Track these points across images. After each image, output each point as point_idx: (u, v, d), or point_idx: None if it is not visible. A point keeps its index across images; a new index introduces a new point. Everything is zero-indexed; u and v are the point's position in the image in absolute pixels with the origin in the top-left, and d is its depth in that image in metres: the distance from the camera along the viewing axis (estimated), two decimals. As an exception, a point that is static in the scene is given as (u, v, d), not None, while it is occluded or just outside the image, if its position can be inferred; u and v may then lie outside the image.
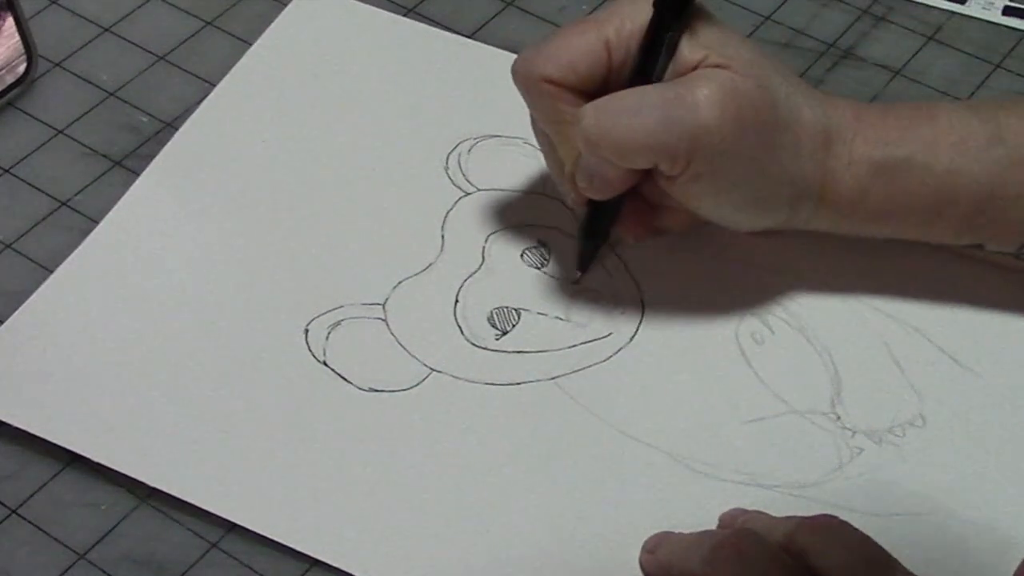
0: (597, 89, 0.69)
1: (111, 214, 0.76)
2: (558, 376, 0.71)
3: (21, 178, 0.80)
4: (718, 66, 0.67)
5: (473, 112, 0.81)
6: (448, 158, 0.79)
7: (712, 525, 0.66)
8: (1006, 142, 0.68)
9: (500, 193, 0.78)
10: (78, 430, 0.69)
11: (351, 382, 0.71)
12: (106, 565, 0.66)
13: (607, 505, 0.67)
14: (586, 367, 0.71)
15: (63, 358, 0.71)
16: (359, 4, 0.87)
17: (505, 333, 0.73)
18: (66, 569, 0.66)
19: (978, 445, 0.68)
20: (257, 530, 0.66)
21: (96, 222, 0.77)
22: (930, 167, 0.69)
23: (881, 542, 0.61)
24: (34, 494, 0.68)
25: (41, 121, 0.82)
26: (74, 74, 0.84)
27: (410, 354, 0.72)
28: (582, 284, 0.74)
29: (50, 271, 0.75)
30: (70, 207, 0.78)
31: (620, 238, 0.74)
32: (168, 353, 0.72)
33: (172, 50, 0.85)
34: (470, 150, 0.80)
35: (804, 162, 0.69)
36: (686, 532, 0.64)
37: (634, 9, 0.68)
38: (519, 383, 0.71)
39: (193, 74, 0.84)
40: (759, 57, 0.68)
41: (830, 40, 0.85)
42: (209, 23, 0.87)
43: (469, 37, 0.85)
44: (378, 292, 0.74)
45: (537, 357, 0.72)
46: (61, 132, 0.82)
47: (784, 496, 0.67)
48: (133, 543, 0.66)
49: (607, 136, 0.67)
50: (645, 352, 0.72)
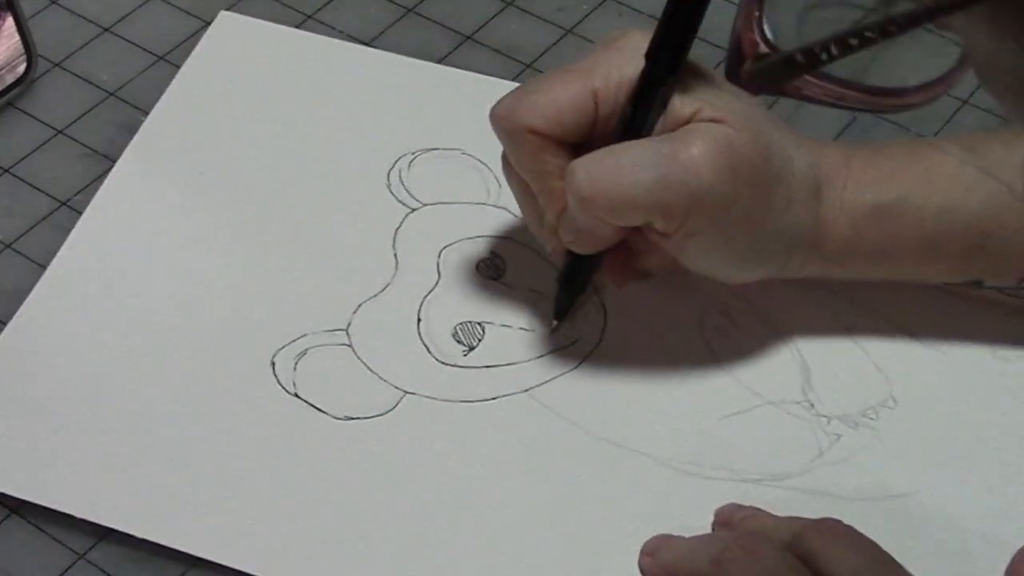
0: (582, 140, 0.67)
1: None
2: (531, 388, 0.71)
3: (21, 178, 0.79)
4: (712, 120, 0.65)
5: (408, 127, 0.81)
6: (389, 175, 0.79)
7: (702, 523, 0.67)
8: (1001, 176, 0.67)
9: (446, 206, 0.78)
10: (32, 478, 0.67)
11: (326, 412, 0.70)
12: (106, 565, 0.66)
13: (596, 512, 0.67)
14: (557, 376, 0.72)
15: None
16: (278, 26, 0.85)
17: (472, 348, 0.72)
18: (66, 569, 0.66)
19: (952, 420, 0.70)
20: (251, 570, 0.65)
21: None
22: (924, 207, 0.68)
23: (869, 528, 0.62)
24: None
25: (41, 121, 0.82)
26: (74, 74, 0.84)
27: (380, 378, 0.71)
28: (563, 320, 0.73)
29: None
30: (70, 207, 0.78)
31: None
32: (138, 399, 0.70)
33: (172, 50, 0.85)
34: (410, 165, 0.79)
35: (797, 213, 0.68)
36: (683, 534, 0.65)
37: (622, 59, 0.66)
38: (494, 398, 0.71)
39: (194, 74, 0.84)
40: (751, 109, 0.66)
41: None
42: (209, 23, 0.86)
43: (469, 37, 0.85)
44: (339, 317, 0.73)
45: (507, 370, 0.72)
46: (61, 132, 0.81)
47: (769, 488, 0.68)
48: (133, 543, 0.66)
49: (600, 194, 0.65)
50: (613, 356, 0.72)
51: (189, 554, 0.65)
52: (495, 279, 0.75)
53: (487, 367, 0.72)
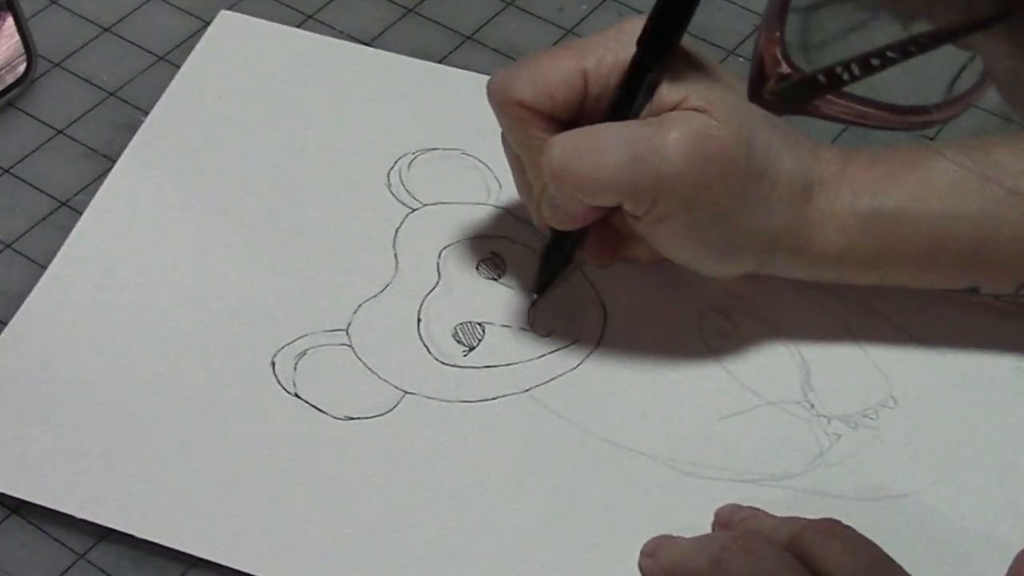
0: (572, 117, 0.68)
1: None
2: (531, 388, 0.71)
3: (21, 178, 0.79)
4: (696, 109, 0.66)
5: (408, 127, 0.81)
6: (389, 175, 0.79)
7: (702, 524, 0.66)
8: (1000, 182, 0.67)
9: (446, 206, 0.78)
10: (32, 478, 0.67)
11: (326, 412, 0.70)
12: (106, 565, 0.66)
13: (596, 513, 0.67)
14: (557, 376, 0.72)
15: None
16: (278, 26, 0.85)
17: (472, 348, 0.72)
18: (66, 569, 0.66)
19: (952, 421, 0.70)
20: (251, 570, 0.65)
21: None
22: (921, 213, 0.68)
23: (869, 528, 0.62)
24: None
25: (41, 121, 0.82)
26: (74, 74, 0.84)
27: (381, 378, 0.71)
28: (543, 293, 0.74)
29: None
30: (70, 207, 0.78)
31: (584, 261, 0.74)
32: (137, 399, 0.70)
33: (172, 50, 0.85)
34: (410, 165, 0.79)
35: (777, 212, 0.68)
36: (683, 534, 0.65)
37: (618, 42, 0.67)
38: (494, 398, 0.71)
39: (193, 74, 0.84)
40: (743, 104, 0.64)
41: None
42: (209, 23, 0.86)
43: (469, 37, 0.85)
44: (339, 318, 0.73)
45: (507, 370, 0.72)
46: (61, 132, 0.81)
47: (769, 489, 0.68)
48: (133, 543, 0.66)
49: (571, 171, 0.66)
50: (613, 356, 0.72)
51: (189, 554, 0.65)
52: (495, 279, 0.75)
53: (487, 367, 0.72)
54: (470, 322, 0.73)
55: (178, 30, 0.86)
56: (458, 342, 0.73)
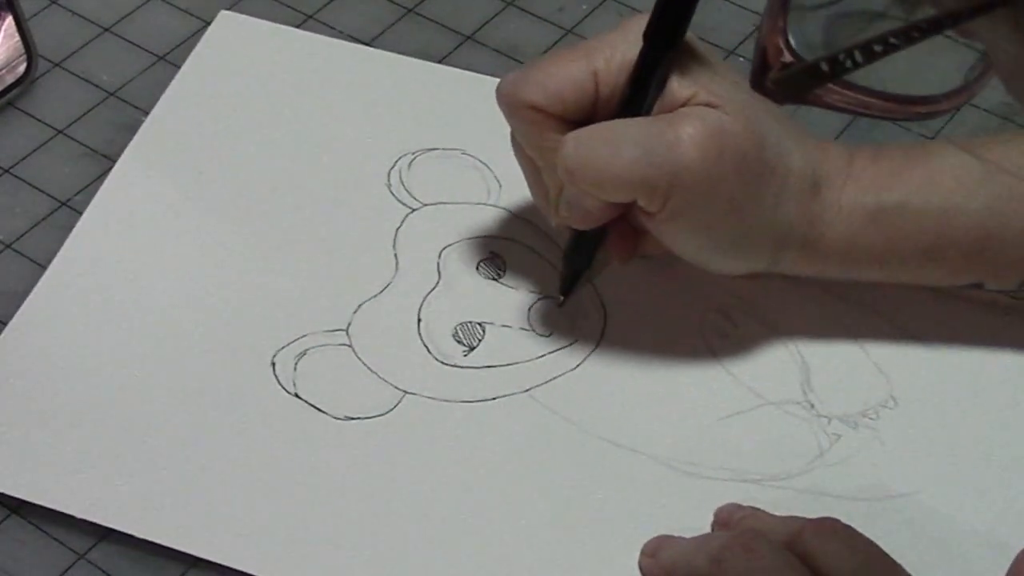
0: (583, 118, 0.67)
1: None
2: (531, 388, 0.71)
3: (21, 178, 0.80)
4: (708, 104, 0.66)
5: (408, 127, 0.81)
6: (389, 175, 0.79)
7: (702, 524, 0.67)
8: (1003, 176, 0.67)
9: (446, 206, 0.78)
10: (32, 478, 0.67)
11: (326, 412, 0.70)
12: (106, 565, 0.66)
13: (596, 512, 0.67)
14: (557, 376, 0.72)
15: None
16: (278, 26, 0.85)
17: (472, 348, 0.72)
18: (66, 569, 0.66)
19: (952, 421, 0.70)
20: (251, 570, 0.65)
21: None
22: (925, 209, 0.68)
23: (869, 528, 0.62)
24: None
25: (41, 121, 0.82)
26: (74, 74, 0.84)
27: (381, 378, 0.71)
28: (568, 296, 0.73)
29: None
30: (70, 207, 0.78)
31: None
32: (137, 399, 0.70)
33: (172, 50, 0.85)
34: (410, 165, 0.79)
35: (788, 208, 0.68)
36: (683, 534, 0.65)
37: (625, 41, 0.67)
38: (494, 398, 0.71)
39: (193, 74, 0.84)
40: (751, 98, 0.65)
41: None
42: (209, 23, 0.86)
43: (469, 37, 0.86)
44: (339, 318, 0.73)
45: (507, 370, 0.72)
46: (61, 132, 0.81)
47: (769, 489, 0.68)
48: (133, 543, 0.66)
49: (586, 168, 0.66)
50: (613, 356, 0.72)
51: (189, 554, 0.65)
52: (495, 279, 0.75)
53: (487, 367, 0.72)
54: (470, 322, 0.73)
55: (178, 30, 0.86)
56: (458, 342, 0.73)
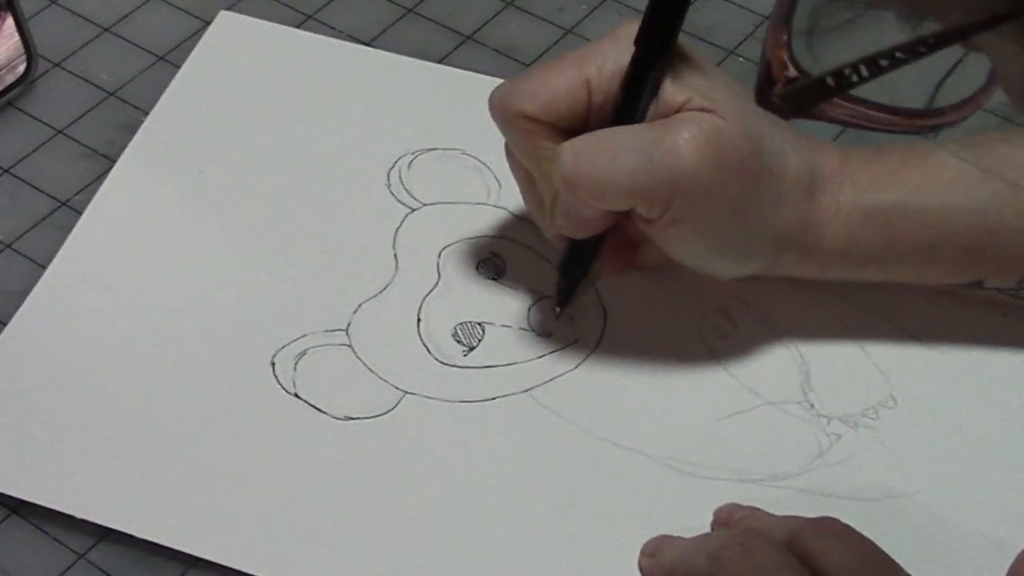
0: (577, 127, 0.67)
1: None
2: (531, 388, 0.71)
3: (21, 178, 0.80)
4: (703, 109, 0.66)
5: (408, 127, 0.81)
6: (389, 175, 0.79)
7: (701, 524, 0.66)
8: (1002, 175, 0.67)
9: (446, 206, 0.78)
10: (32, 478, 0.67)
11: (325, 412, 0.70)
12: (106, 565, 0.66)
13: (596, 513, 0.67)
14: (557, 376, 0.72)
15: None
16: (278, 26, 0.85)
17: (472, 348, 0.72)
18: (66, 569, 0.66)
19: (952, 420, 0.70)
20: (251, 570, 0.65)
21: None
22: (923, 208, 0.68)
23: (869, 528, 0.62)
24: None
25: (41, 121, 0.82)
26: (74, 74, 0.84)
27: (380, 378, 0.71)
28: (564, 307, 0.74)
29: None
30: (70, 207, 0.78)
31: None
32: (138, 399, 0.70)
33: (172, 50, 0.85)
34: (410, 165, 0.79)
35: (787, 210, 0.68)
36: (683, 534, 0.65)
37: (616, 48, 0.67)
38: (493, 398, 0.71)
39: (193, 74, 0.84)
40: (746, 102, 0.66)
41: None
42: (209, 23, 0.86)
43: (469, 37, 0.86)
44: (339, 318, 0.73)
45: (507, 370, 0.72)
46: (61, 132, 0.81)
47: (769, 488, 0.68)
48: (133, 543, 0.66)
49: (584, 177, 0.66)
50: (613, 356, 0.72)
51: (189, 554, 0.65)
52: (495, 279, 0.75)
53: (487, 367, 0.72)
54: (470, 322, 0.73)
55: (178, 30, 0.86)
56: (458, 342, 0.73)
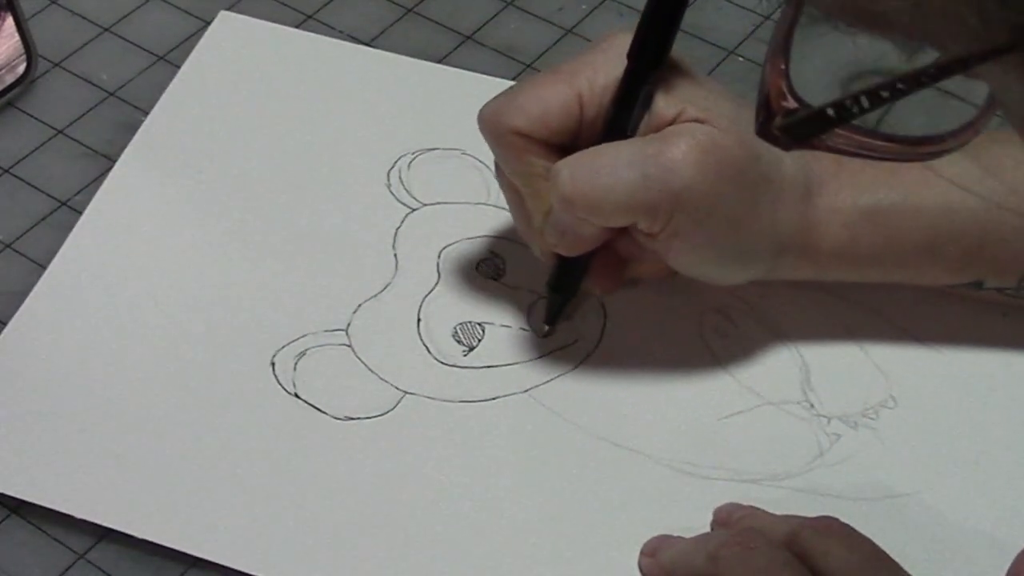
0: (568, 142, 0.67)
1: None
2: (531, 388, 0.71)
3: (21, 178, 0.80)
4: (696, 120, 0.65)
5: (408, 127, 0.81)
6: (389, 175, 0.79)
7: (702, 523, 0.66)
8: (1000, 174, 0.67)
9: (446, 206, 0.78)
10: (32, 478, 0.67)
11: (325, 412, 0.70)
12: (106, 565, 0.66)
13: (596, 513, 0.67)
14: (557, 376, 0.72)
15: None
16: (278, 26, 0.86)
17: (472, 349, 0.72)
18: (66, 569, 0.66)
19: (952, 420, 0.70)
20: (251, 570, 0.65)
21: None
22: (921, 207, 0.68)
23: (869, 528, 0.62)
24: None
25: (41, 121, 0.82)
26: (74, 74, 0.84)
27: (380, 378, 0.71)
28: (554, 325, 0.73)
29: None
30: (70, 207, 0.78)
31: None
32: (137, 399, 0.70)
33: (172, 50, 0.85)
34: (410, 165, 0.79)
35: (785, 215, 0.68)
36: (683, 534, 0.65)
37: (607, 61, 0.66)
38: (494, 398, 0.71)
39: (193, 74, 0.84)
40: (739, 110, 0.66)
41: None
42: (209, 23, 0.86)
43: (469, 37, 0.86)
44: (339, 318, 0.73)
45: (507, 370, 0.72)
46: (61, 132, 0.82)
47: (769, 488, 0.68)
48: (133, 543, 0.66)
49: (584, 195, 0.65)
50: (613, 356, 0.72)
51: (189, 554, 0.65)
52: (495, 279, 0.75)
53: (487, 367, 0.72)
54: (470, 322, 0.73)
55: (178, 30, 0.86)
56: (458, 342, 0.73)
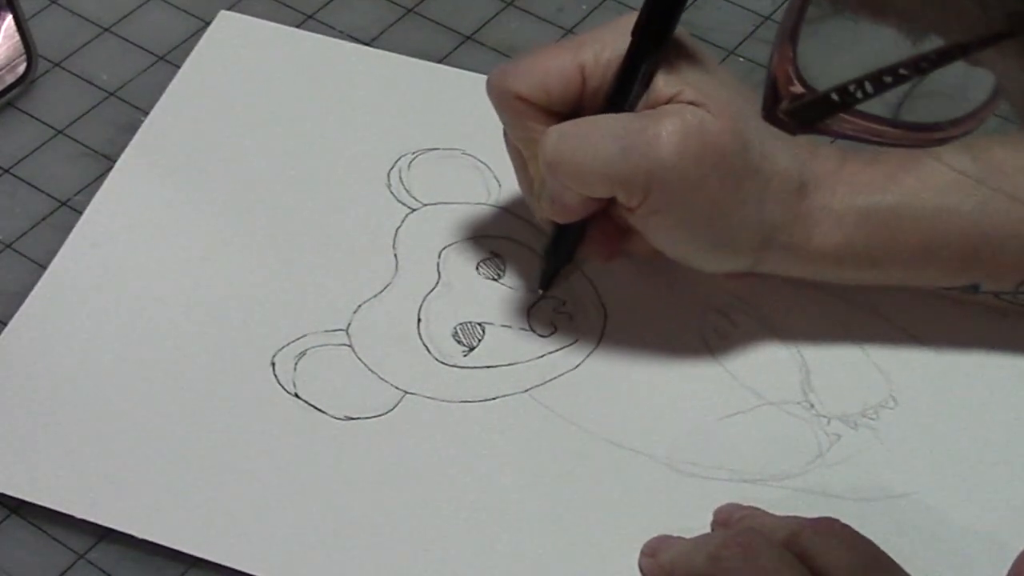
0: (570, 111, 0.68)
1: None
2: (531, 388, 0.71)
3: (21, 178, 0.80)
4: (692, 103, 0.66)
5: (408, 127, 0.81)
6: (389, 175, 0.79)
7: (702, 524, 0.66)
8: (999, 177, 0.67)
9: (446, 206, 0.78)
10: (32, 478, 0.67)
11: (326, 412, 0.70)
12: (106, 565, 0.66)
13: (596, 512, 0.67)
14: (557, 376, 0.72)
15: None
16: (278, 26, 0.86)
17: (472, 349, 0.72)
18: (66, 569, 0.66)
19: (952, 420, 0.70)
20: (251, 570, 0.65)
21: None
22: (920, 210, 0.68)
23: (869, 528, 0.62)
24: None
25: (41, 121, 0.82)
26: (74, 74, 0.84)
27: (381, 378, 0.71)
28: (547, 290, 0.74)
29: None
30: (70, 207, 0.78)
31: (586, 258, 0.73)
32: (137, 399, 0.70)
33: (172, 50, 0.85)
34: (410, 165, 0.79)
35: (772, 208, 0.68)
36: (683, 534, 0.65)
37: (615, 36, 0.67)
38: (494, 398, 0.71)
39: (193, 73, 0.84)
40: (738, 98, 0.67)
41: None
42: (209, 23, 0.86)
43: (469, 37, 0.86)
44: (339, 318, 0.73)
45: (507, 370, 0.72)
46: (61, 132, 0.81)
47: (769, 488, 0.68)
48: (133, 543, 0.66)
49: (565, 161, 0.66)
50: (613, 356, 0.72)
51: (189, 554, 0.65)
52: (495, 279, 0.75)
53: (487, 367, 0.72)
54: (470, 322, 0.73)
55: (178, 30, 0.86)
56: (458, 342, 0.73)
